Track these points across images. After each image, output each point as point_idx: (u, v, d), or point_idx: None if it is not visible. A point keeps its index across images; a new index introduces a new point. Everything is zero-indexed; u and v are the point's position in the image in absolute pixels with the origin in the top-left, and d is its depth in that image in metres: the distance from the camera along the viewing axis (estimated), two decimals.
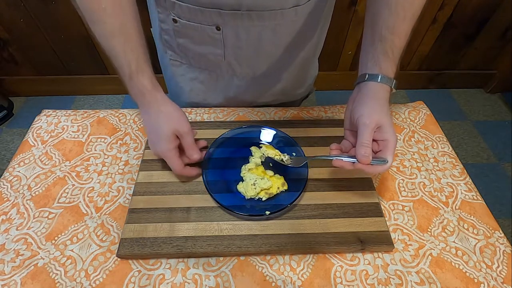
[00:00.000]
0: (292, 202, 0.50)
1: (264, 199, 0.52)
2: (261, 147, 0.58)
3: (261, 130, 0.61)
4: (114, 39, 0.47)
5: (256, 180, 0.52)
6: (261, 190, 0.52)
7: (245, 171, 0.55)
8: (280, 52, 0.62)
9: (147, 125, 0.53)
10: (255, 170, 0.54)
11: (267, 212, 0.49)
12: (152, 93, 0.51)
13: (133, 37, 0.48)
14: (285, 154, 0.56)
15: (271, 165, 0.57)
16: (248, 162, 0.57)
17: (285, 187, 0.53)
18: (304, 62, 0.70)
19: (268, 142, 0.60)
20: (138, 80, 0.49)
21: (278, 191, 0.52)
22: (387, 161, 0.44)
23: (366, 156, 0.43)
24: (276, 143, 0.60)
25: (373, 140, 0.45)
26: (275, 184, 0.53)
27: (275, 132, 0.61)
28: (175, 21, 0.57)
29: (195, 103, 0.72)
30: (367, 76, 0.48)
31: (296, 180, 0.53)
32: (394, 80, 0.47)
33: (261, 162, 0.57)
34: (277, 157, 0.55)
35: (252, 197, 0.52)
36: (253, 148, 0.58)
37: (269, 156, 0.56)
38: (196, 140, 0.58)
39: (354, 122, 0.47)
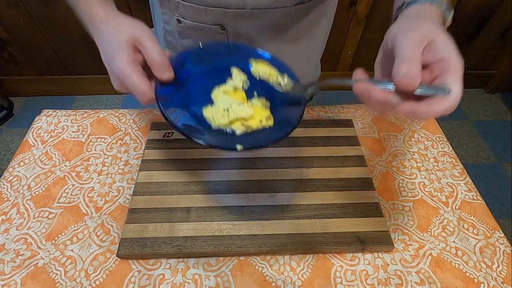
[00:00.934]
0: (278, 139, 0.36)
1: (238, 132, 0.38)
2: (251, 64, 0.43)
3: (250, 50, 0.46)
4: None
5: (232, 105, 0.39)
6: (237, 119, 0.38)
7: (218, 91, 0.41)
8: (285, 51, 0.62)
9: (100, 47, 0.41)
10: (233, 93, 0.41)
11: (239, 147, 0.35)
12: (104, 12, 0.40)
13: None
14: (285, 74, 0.41)
15: (256, 94, 0.42)
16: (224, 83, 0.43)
17: (271, 123, 0.39)
18: (308, 60, 0.69)
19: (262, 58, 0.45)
20: (90, 9, 0.40)
21: (259, 126, 0.39)
22: (450, 90, 0.26)
23: (409, 76, 0.26)
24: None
25: (423, 68, 0.28)
26: (258, 115, 0.39)
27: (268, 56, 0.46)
28: (179, 21, 0.57)
29: None
30: (405, 4, 0.34)
31: (285, 122, 0.39)
32: (447, 6, 0.33)
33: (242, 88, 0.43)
34: (272, 79, 0.40)
35: (222, 127, 0.39)
36: (234, 70, 0.44)
37: (260, 76, 0.41)
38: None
39: (389, 45, 0.31)
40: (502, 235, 0.52)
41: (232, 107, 0.39)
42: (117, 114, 0.68)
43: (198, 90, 0.42)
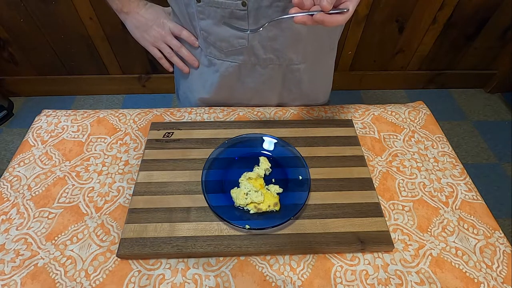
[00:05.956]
0: (275, 226, 0.48)
1: (251, 212, 0.51)
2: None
3: (275, 143, 0.60)
4: None
5: (250, 191, 0.52)
6: (251, 202, 0.51)
7: (244, 178, 0.54)
8: (305, 38, 0.60)
9: (136, 20, 0.65)
10: (254, 180, 0.54)
11: (247, 226, 0.48)
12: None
13: None
14: (273, 185, 0.54)
15: (274, 181, 0.55)
16: (252, 170, 0.56)
17: (277, 208, 0.51)
18: (328, 58, 0.68)
19: (270, 155, 0.59)
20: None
21: (267, 209, 0.51)
22: (348, 10, 0.42)
23: (328, 4, 0.40)
24: (283, 158, 0.58)
25: None
26: (267, 201, 0.51)
27: (287, 149, 0.59)
28: (198, 0, 0.55)
29: (215, 102, 0.71)
30: None
31: (291, 206, 0.51)
32: None
33: (264, 174, 0.56)
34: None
35: (241, 206, 0.51)
36: (262, 159, 0.58)
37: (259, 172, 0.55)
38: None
39: None
40: (502, 235, 0.52)
41: (250, 192, 0.52)
42: (117, 114, 0.68)
43: (232, 174, 0.56)
